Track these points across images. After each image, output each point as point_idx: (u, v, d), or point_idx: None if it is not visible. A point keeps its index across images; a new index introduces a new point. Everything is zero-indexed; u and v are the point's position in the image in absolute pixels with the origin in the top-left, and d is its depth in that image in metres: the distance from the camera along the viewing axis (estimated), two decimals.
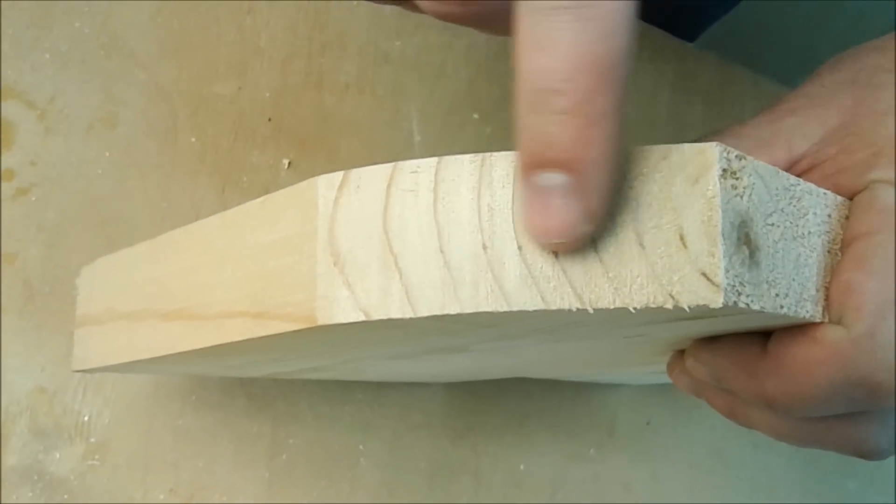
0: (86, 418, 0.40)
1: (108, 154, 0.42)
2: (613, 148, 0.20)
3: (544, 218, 0.21)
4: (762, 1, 0.61)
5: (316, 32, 0.47)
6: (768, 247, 0.23)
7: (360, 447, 0.46)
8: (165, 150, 0.44)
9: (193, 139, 0.44)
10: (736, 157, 0.22)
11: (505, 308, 0.21)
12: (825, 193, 0.26)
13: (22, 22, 0.42)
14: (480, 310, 0.21)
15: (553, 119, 0.20)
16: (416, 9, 0.26)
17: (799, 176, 0.29)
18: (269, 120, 0.46)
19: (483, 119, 0.51)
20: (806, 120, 0.30)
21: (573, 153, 0.20)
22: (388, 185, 0.22)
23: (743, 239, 0.22)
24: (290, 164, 0.46)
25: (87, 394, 0.40)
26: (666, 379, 0.34)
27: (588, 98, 0.20)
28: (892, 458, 0.30)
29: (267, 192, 0.44)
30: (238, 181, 0.45)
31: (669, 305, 0.21)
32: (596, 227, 0.21)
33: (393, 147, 0.47)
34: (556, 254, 0.21)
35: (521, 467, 0.50)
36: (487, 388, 0.49)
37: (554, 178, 0.21)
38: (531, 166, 0.21)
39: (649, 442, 0.54)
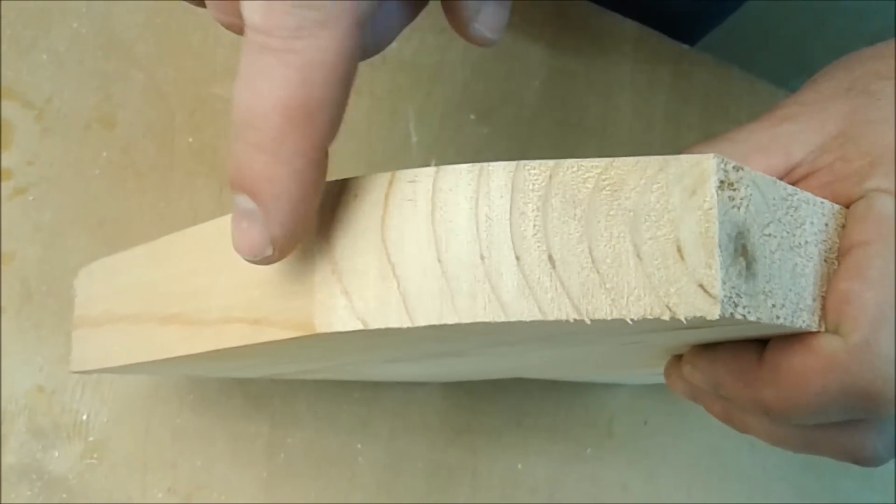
0: (84, 417, 0.40)
1: (105, 154, 0.42)
2: (299, 188, 0.22)
3: (237, 236, 0.22)
4: (759, 2, 0.61)
5: None
6: (765, 257, 0.23)
7: (358, 446, 0.46)
8: (163, 150, 0.43)
9: (191, 140, 0.44)
10: (733, 168, 0.22)
11: (502, 318, 0.21)
12: (822, 202, 0.26)
13: (20, 22, 0.42)
14: (478, 320, 0.21)
15: (246, 150, 0.21)
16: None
17: (796, 183, 0.29)
18: None
19: (480, 120, 0.51)
20: (804, 127, 0.30)
21: (259, 186, 0.22)
22: (387, 195, 0.22)
23: (740, 250, 0.22)
24: None
25: (86, 393, 0.40)
26: (664, 380, 0.34)
27: (278, 138, 0.21)
28: None
29: None
30: None
31: (666, 317, 0.21)
32: (280, 253, 0.22)
33: (390, 148, 0.47)
34: (553, 265, 0.21)
35: (519, 467, 0.50)
36: (485, 387, 0.49)
37: (247, 203, 0.22)
38: (232, 187, 0.22)
39: (647, 442, 0.55)
